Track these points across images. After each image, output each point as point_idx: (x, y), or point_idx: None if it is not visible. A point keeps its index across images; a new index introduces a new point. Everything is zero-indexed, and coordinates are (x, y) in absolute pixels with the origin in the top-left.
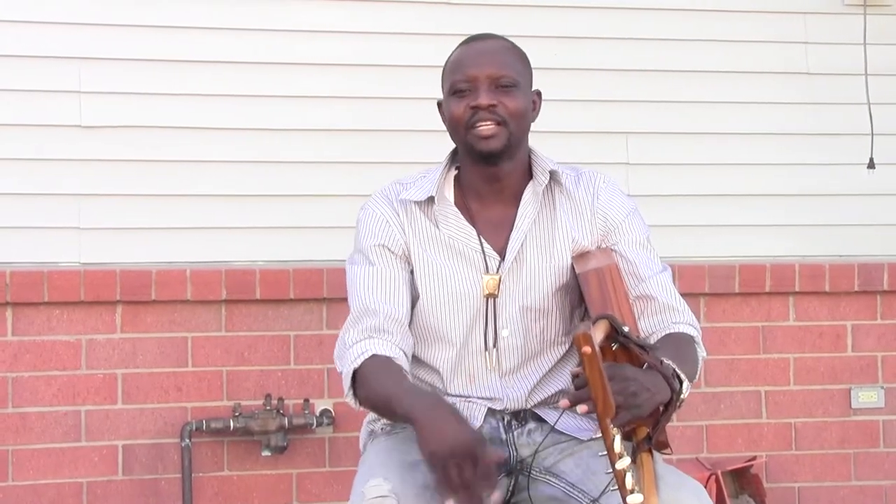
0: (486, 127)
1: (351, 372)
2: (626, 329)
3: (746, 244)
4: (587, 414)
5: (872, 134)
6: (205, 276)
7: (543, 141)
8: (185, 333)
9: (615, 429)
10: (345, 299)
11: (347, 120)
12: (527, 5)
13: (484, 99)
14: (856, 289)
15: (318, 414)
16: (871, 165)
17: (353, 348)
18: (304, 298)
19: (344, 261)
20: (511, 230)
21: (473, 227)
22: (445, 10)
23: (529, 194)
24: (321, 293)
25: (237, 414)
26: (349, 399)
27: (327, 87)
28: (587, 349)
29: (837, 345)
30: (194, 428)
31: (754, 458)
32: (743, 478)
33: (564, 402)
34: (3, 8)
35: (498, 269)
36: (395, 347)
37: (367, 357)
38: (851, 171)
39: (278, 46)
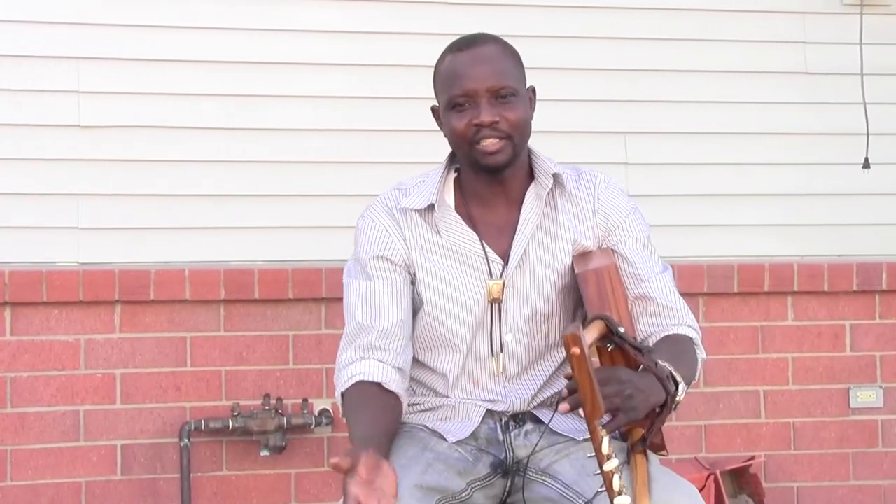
0: (491, 143)
1: (340, 396)
2: (622, 330)
3: (745, 244)
4: (569, 413)
5: (868, 134)
6: (203, 276)
7: (541, 141)
8: (183, 333)
9: (603, 430)
10: (343, 299)
11: (346, 120)
12: (524, 5)
13: (486, 116)
14: (854, 288)
15: (316, 414)
16: (867, 165)
17: (345, 370)
18: (302, 298)
19: (343, 260)
20: (514, 234)
21: (475, 231)
22: (445, 10)
23: (532, 197)
24: (320, 293)
25: (236, 414)
26: (344, 419)
27: (326, 87)
28: (575, 350)
29: (836, 344)
30: (193, 428)
31: (753, 457)
32: (742, 478)
33: (565, 406)
34: (1, 7)
35: (502, 274)
36: (386, 368)
37: (353, 383)
38: (851, 170)
39: (277, 46)
